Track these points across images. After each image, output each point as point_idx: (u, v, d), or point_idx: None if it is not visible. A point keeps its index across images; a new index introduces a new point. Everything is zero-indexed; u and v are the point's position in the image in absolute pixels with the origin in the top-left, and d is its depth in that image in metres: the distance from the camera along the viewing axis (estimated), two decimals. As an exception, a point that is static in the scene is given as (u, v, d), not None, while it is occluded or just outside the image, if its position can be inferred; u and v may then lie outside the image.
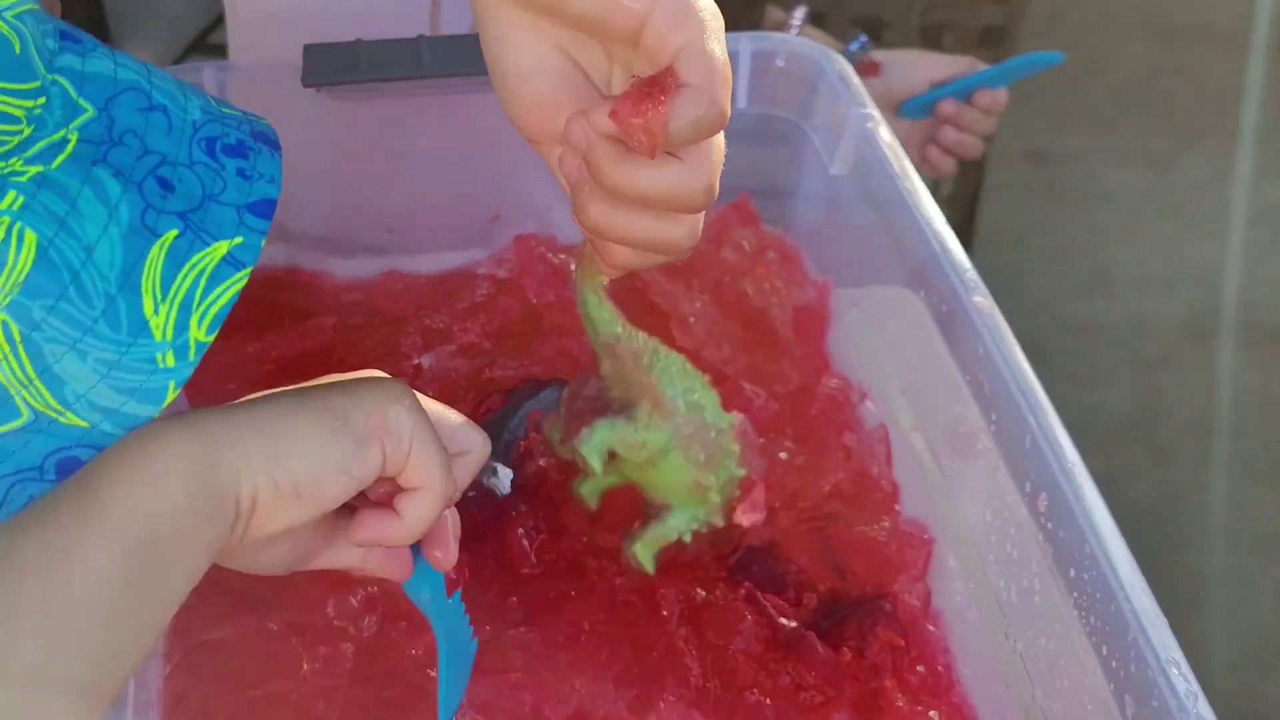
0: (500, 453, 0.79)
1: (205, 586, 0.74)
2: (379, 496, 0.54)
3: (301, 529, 0.51)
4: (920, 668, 0.72)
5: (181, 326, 0.44)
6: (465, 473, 0.56)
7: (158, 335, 0.44)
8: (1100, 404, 2.43)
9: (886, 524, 0.78)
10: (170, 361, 0.44)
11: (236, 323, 0.89)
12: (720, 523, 0.71)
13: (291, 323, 0.89)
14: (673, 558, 0.76)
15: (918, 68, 1.20)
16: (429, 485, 0.52)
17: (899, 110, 1.20)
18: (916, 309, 0.80)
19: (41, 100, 0.45)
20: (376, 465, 0.51)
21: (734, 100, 0.94)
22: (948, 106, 1.18)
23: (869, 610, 0.73)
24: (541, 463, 0.80)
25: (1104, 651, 0.61)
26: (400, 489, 0.53)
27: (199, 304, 0.45)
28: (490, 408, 0.83)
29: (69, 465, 0.42)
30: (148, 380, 0.43)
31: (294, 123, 0.89)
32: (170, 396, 0.44)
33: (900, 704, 0.70)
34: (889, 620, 0.72)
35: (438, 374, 0.86)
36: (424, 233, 0.96)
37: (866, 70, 1.18)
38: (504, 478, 0.76)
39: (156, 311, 0.44)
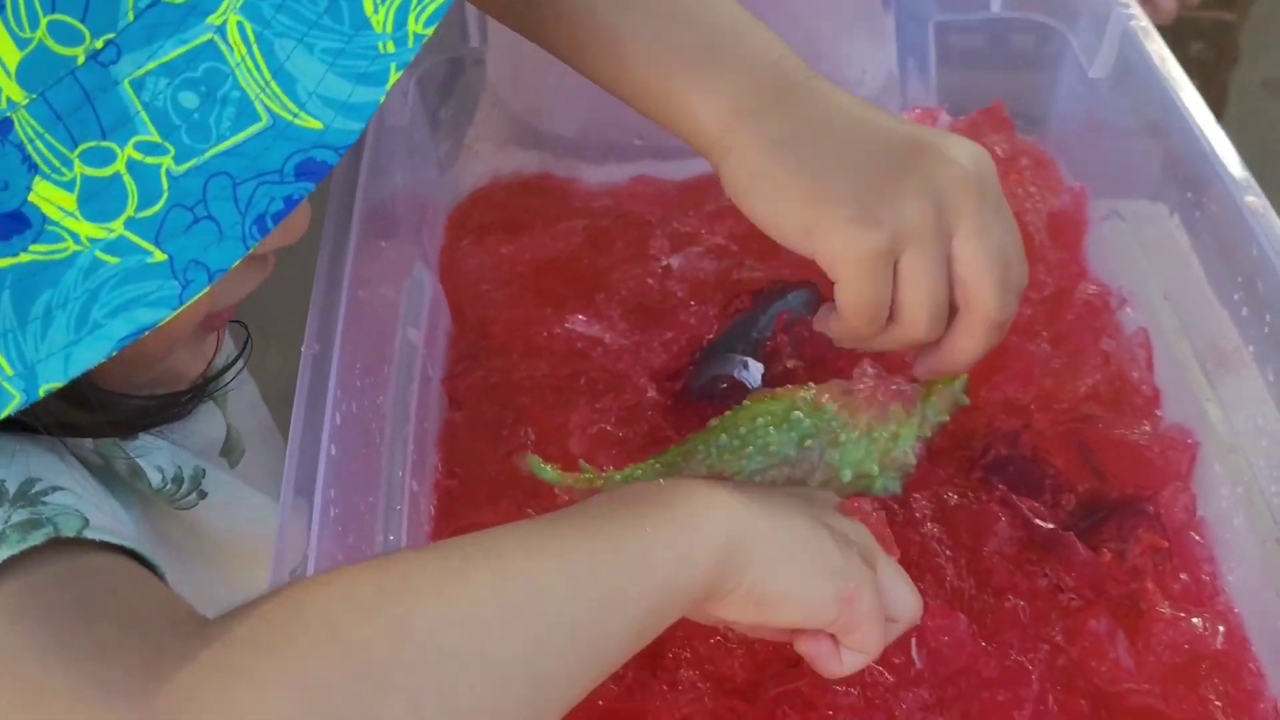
0: (750, 350, 0.79)
1: (466, 473, 0.77)
2: None
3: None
4: (1183, 575, 0.70)
5: (400, 22, 0.46)
6: (890, 637, 0.59)
7: (378, 29, 0.46)
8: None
9: (1148, 428, 0.76)
10: (391, 48, 0.46)
11: (490, 226, 0.93)
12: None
13: (543, 226, 0.91)
14: (922, 462, 0.76)
15: None
16: (866, 653, 0.58)
17: None
18: (1180, 214, 0.78)
19: None
20: (828, 624, 0.56)
21: (987, 4, 0.93)
22: None
23: (1130, 512, 0.72)
24: (789, 364, 0.80)
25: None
26: None
27: (415, 4, 0.46)
28: (739, 308, 0.83)
29: (307, 167, 0.44)
30: (371, 65, 0.45)
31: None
32: (392, 79, 0.45)
33: (1163, 609, 0.68)
34: (1151, 522, 0.71)
35: (686, 274, 0.86)
36: (674, 139, 0.97)
37: None
38: (755, 372, 0.77)
39: (376, 10, 0.45)
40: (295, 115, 0.44)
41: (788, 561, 0.54)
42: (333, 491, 0.59)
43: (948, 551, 0.71)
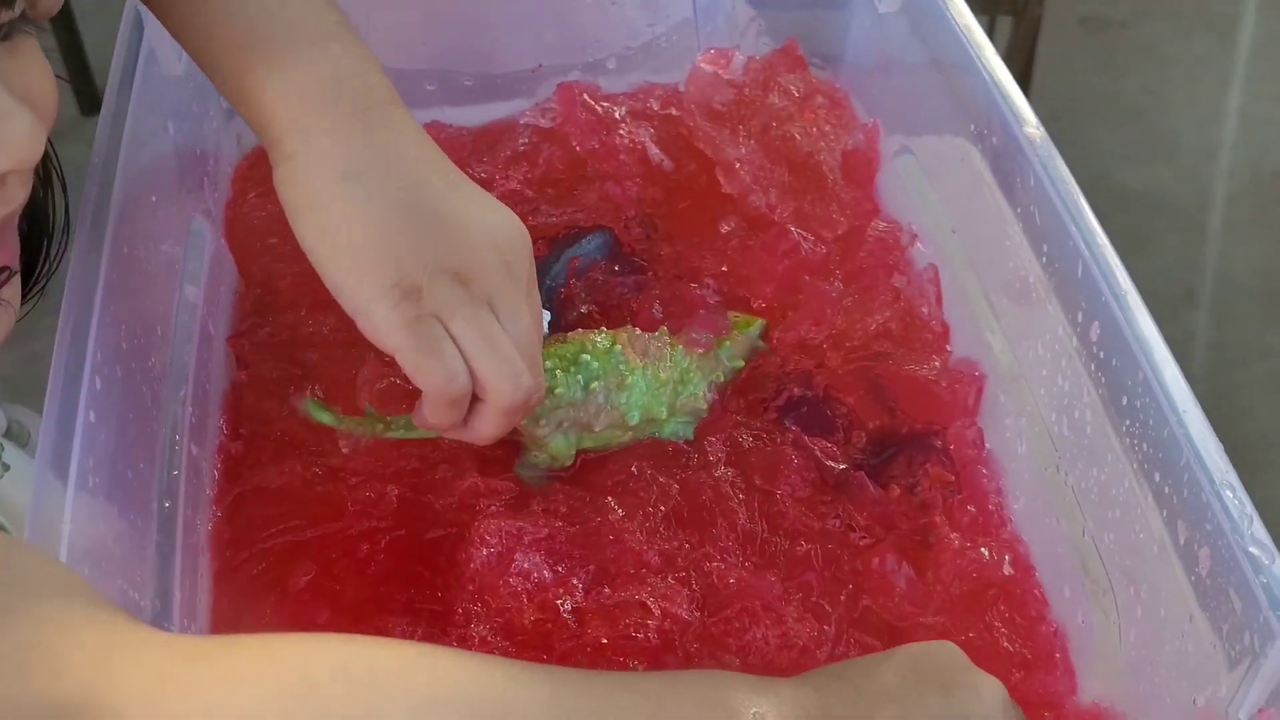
0: (545, 298, 0.78)
1: (251, 434, 0.75)
2: None
3: None
4: (971, 507, 0.71)
5: None
6: None
7: None
8: (1161, 270, 2.39)
9: (937, 363, 0.77)
10: None
11: (263, 181, 0.89)
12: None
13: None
14: (717, 405, 0.76)
15: None
16: None
17: None
18: (968, 149, 0.78)
19: None
20: None
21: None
22: None
23: (919, 447, 0.72)
24: (583, 309, 0.80)
25: (1156, 479, 0.60)
26: None
27: None
28: (535, 255, 0.82)
29: None
30: None
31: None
32: None
33: (952, 540, 0.69)
34: (939, 456, 0.72)
35: (481, 223, 0.85)
36: (466, 84, 0.95)
37: None
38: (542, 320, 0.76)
39: None
40: None
41: None
42: (91, 460, 0.56)
43: (741, 495, 0.71)
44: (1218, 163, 2.78)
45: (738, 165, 0.86)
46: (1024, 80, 2.26)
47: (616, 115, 0.91)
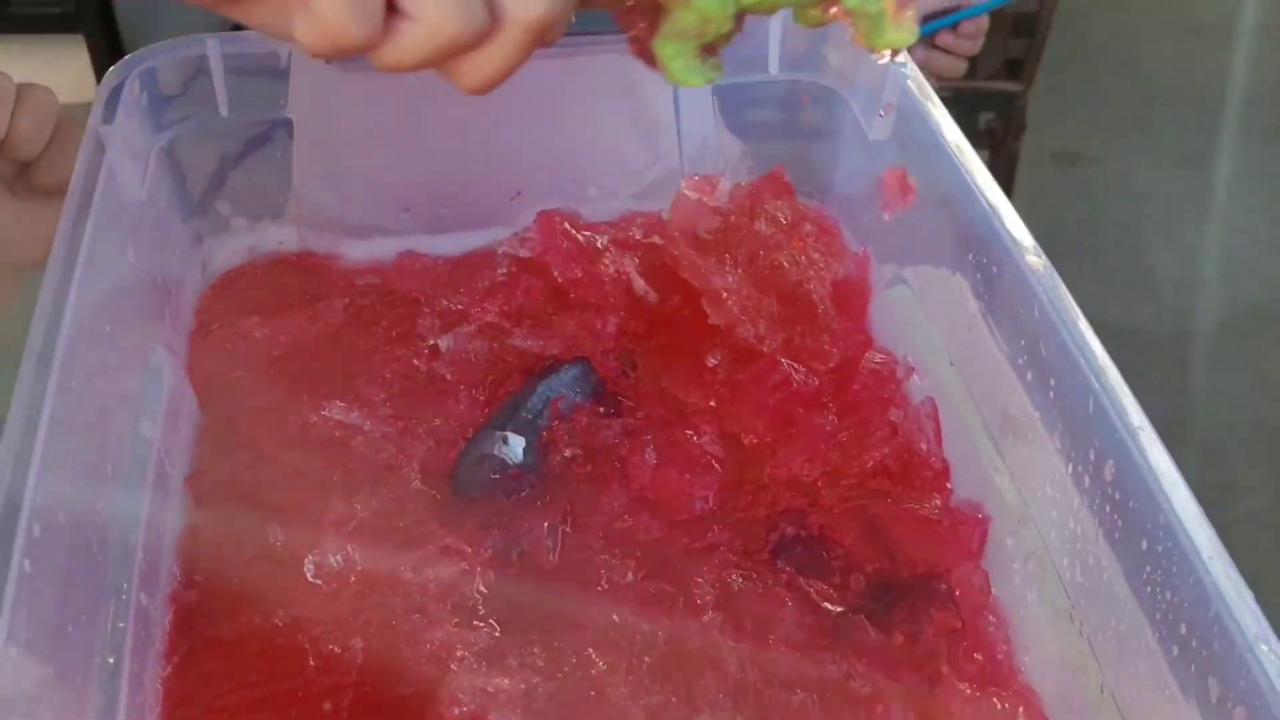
0: (525, 436, 0.74)
1: (207, 581, 0.70)
2: None
3: None
4: (978, 655, 0.67)
5: None
6: None
7: None
8: (1143, 406, 2.37)
9: (938, 503, 0.73)
10: None
11: (244, 308, 0.86)
12: None
13: (301, 306, 0.85)
14: (705, 543, 0.72)
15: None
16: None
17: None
18: (964, 277, 0.75)
19: None
20: None
21: (765, 67, 0.90)
22: (945, 37, 1.25)
23: (922, 592, 0.68)
24: (567, 453, 0.76)
25: (1182, 630, 0.55)
26: None
27: None
28: (510, 390, 0.78)
29: None
30: None
31: (304, 100, 0.85)
32: None
33: (961, 689, 0.64)
34: (944, 601, 0.67)
35: (455, 356, 0.81)
36: (442, 212, 0.92)
37: None
38: (515, 445, 0.73)
39: None
40: None
41: None
42: (26, 613, 0.51)
43: (731, 642, 0.66)
44: (1196, 298, 2.79)
45: (725, 295, 0.83)
46: (1003, 214, 2.26)
47: (599, 244, 0.87)
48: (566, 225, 0.87)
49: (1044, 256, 0.68)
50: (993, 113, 2.12)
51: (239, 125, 0.87)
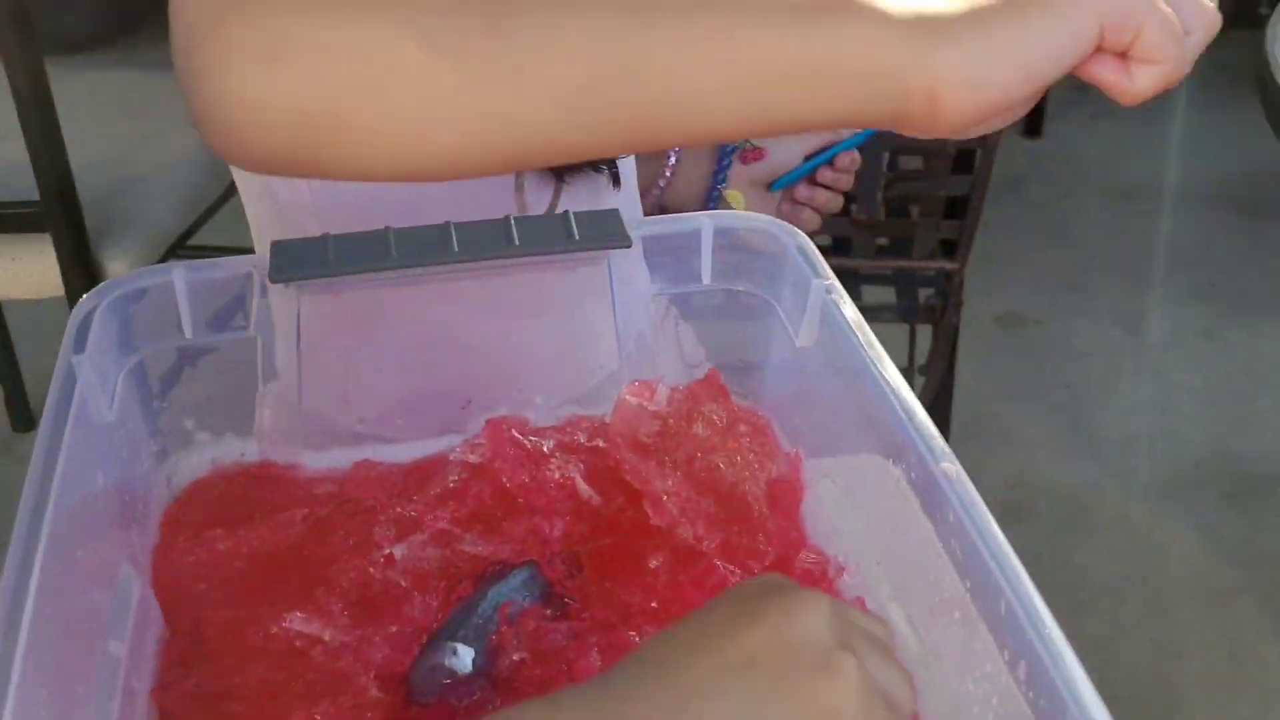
0: (469, 638, 0.78)
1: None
2: None
3: None
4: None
5: None
6: (1190, 50, 0.60)
7: None
8: (1091, 565, 2.41)
9: (868, 698, 0.77)
10: None
11: (207, 521, 0.90)
12: None
13: (262, 517, 0.88)
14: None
15: (795, 144, 1.28)
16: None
17: (772, 186, 1.29)
18: (888, 477, 0.80)
19: None
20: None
21: (698, 277, 0.97)
22: (825, 173, 1.27)
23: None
24: (516, 657, 0.79)
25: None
26: None
27: None
28: (461, 595, 0.82)
29: None
30: None
31: (267, 322, 0.90)
32: None
33: None
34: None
35: (409, 563, 0.85)
36: (397, 421, 0.97)
37: (751, 156, 1.27)
38: (465, 656, 0.76)
39: None
40: None
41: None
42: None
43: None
44: (1139, 455, 2.85)
45: (665, 497, 0.87)
46: (946, 382, 2.33)
47: (545, 449, 0.92)
48: (514, 432, 0.92)
49: (957, 463, 0.73)
50: (931, 289, 2.20)
51: (203, 345, 0.91)
